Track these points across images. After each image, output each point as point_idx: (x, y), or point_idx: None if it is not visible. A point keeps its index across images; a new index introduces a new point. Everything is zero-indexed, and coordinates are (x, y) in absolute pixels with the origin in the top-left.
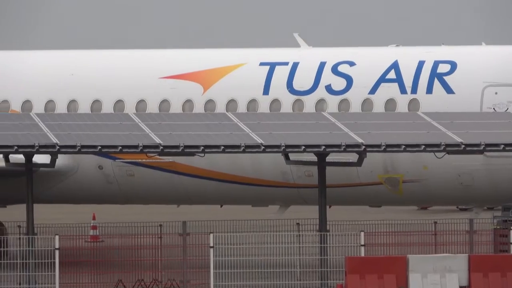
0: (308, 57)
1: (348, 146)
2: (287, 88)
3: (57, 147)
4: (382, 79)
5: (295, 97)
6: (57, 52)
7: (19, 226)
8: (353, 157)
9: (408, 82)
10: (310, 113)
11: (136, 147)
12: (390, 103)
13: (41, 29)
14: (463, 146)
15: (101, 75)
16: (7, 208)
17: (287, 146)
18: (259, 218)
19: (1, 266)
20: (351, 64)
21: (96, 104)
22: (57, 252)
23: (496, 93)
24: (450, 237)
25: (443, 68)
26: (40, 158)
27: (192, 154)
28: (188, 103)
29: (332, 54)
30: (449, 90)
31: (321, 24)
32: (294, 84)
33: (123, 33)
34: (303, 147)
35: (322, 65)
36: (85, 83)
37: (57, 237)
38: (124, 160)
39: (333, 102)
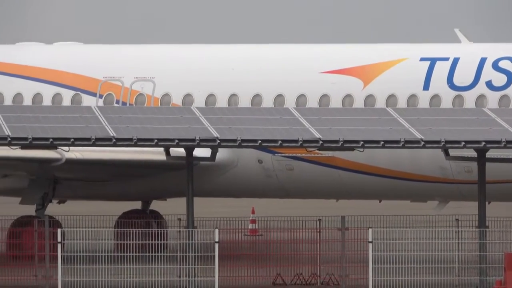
0: (468, 52)
1: (508, 142)
2: (448, 83)
3: (218, 141)
4: None
5: (456, 92)
6: (216, 46)
7: (179, 219)
8: None
9: None
10: (470, 108)
11: (296, 141)
12: None
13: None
14: None
15: (261, 70)
16: (167, 201)
17: (447, 142)
18: (418, 213)
19: (161, 258)
20: None
21: (256, 98)
22: (216, 245)
23: None
24: None
25: None
26: (201, 152)
27: (352, 149)
28: (348, 98)
29: (492, 50)
30: None
31: (481, 19)
32: (455, 79)
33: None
34: (463, 143)
35: (482, 61)
36: (246, 78)
37: (216, 230)
38: (283, 154)
39: (493, 98)
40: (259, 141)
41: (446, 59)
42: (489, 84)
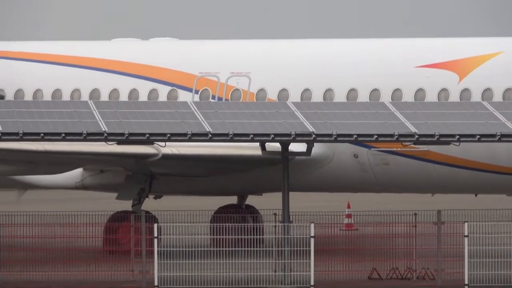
0: None
1: None
2: None
3: (313, 136)
4: None
5: None
6: (311, 40)
7: (275, 214)
8: None
9: None
10: None
11: (391, 136)
12: None
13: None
14: None
15: (356, 64)
16: (263, 196)
17: None
18: None
19: (256, 253)
20: None
21: (352, 92)
22: (312, 240)
23: None
24: None
25: None
26: (296, 147)
27: (447, 143)
28: (443, 92)
29: None
30: None
31: None
32: None
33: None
34: None
35: None
36: (341, 72)
37: (312, 225)
38: (379, 149)
39: None
40: (355, 136)
41: None
42: None
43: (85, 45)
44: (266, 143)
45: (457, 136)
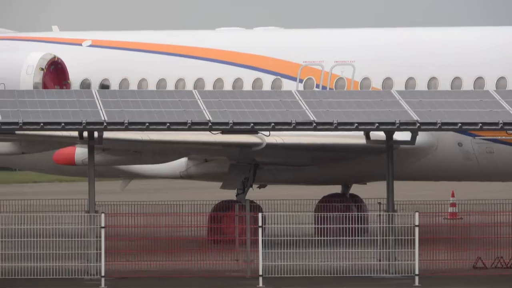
0: None
1: None
2: None
3: (418, 124)
4: None
5: None
6: (414, 29)
7: (379, 203)
8: None
9: None
10: None
11: (496, 124)
12: None
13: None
14: None
15: (460, 53)
16: (367, 185)
17: None
18: None
19: (361, 242)
20: None
21: (456, 81)
22: (416, 229)
23: None
24: None
25: None
26: (401, 135)
27: None
28: None
29: None
30: None
31: None
32: None
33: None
34: None
35: None
36: (445, 61)
37: (417, 214)
38: (483, 137)
39: None
40: (459, 124)
41: None
42: None
43: (189, 34)
44: (371, 132)
45: None
